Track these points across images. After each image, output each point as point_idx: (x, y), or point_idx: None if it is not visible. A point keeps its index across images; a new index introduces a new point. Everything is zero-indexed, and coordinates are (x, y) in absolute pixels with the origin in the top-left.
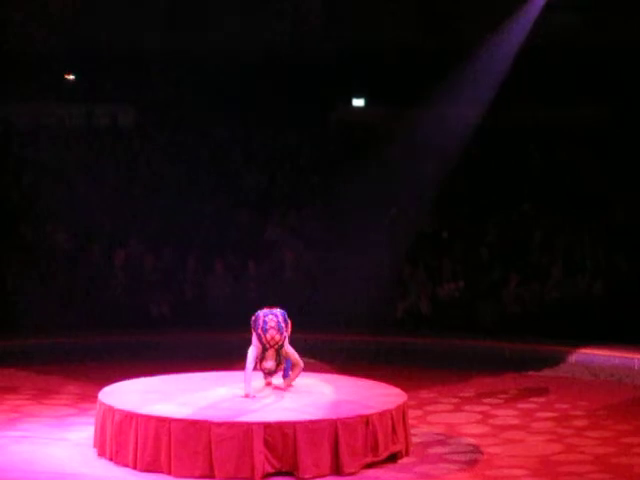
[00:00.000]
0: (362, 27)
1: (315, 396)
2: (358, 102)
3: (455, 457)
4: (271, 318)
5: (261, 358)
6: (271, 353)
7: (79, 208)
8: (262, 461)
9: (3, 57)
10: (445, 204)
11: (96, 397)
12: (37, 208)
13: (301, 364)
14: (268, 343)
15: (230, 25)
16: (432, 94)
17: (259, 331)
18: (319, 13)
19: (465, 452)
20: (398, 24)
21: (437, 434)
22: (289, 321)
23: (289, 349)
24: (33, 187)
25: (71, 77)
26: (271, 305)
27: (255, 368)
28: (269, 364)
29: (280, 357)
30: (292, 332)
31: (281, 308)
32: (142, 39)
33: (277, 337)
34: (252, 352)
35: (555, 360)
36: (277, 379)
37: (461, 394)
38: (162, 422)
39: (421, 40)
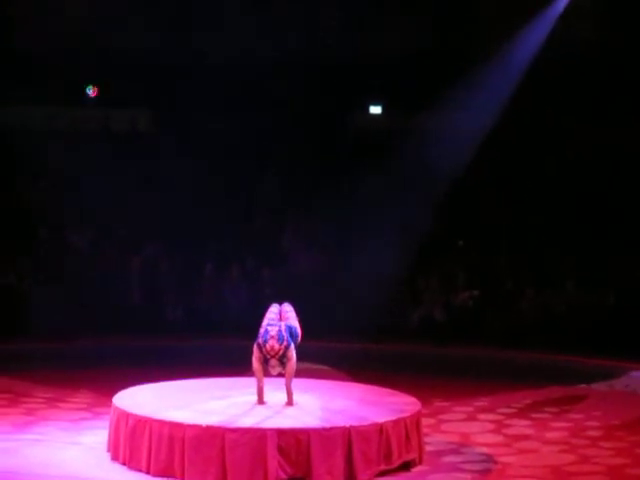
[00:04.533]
0: (380, 34)
1: (329, 403)
2: (375, 109)
3: (468, 466)
4: (273, 328)
5: (266, 367)
6: (274, 363)
7: (95, 212)
8: (275, 467)
9: (20, 60)
10: (461, 212)
11: (110, 401)
12: (53, 212)
13: (292, 373)
14: (268, 353)
15: (247, 29)
16: (448, 101)
17: (259, 341)
18: (336, 20)
19: (478, 461)
20: (415, 32)
21: (450, 443)
22: (299, 333)
23: (292, 356)
24: (49, 190)
25: (91, 92)
26: (281, 301)
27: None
28: (276, 370)
29: (284, 364)
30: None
31: (290, 302)
32: (159, 43)
33: (277, 347)
34: (256, 366)
35: (569, 371)
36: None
37: (475, 403)
38: (176, 427)
39: (438, 48)
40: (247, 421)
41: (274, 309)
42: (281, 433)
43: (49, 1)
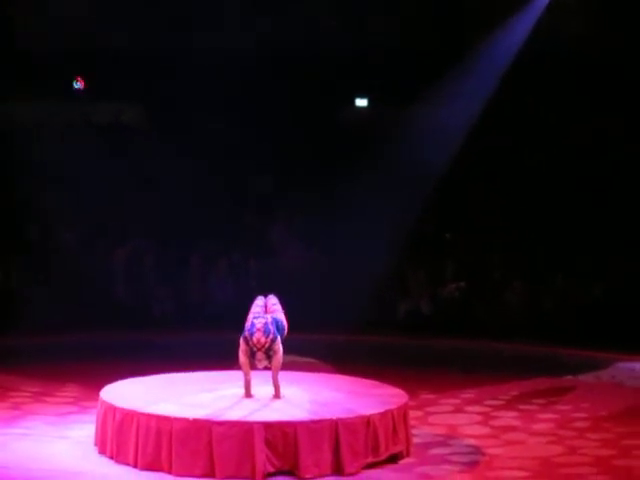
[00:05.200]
0: (367, 28)
1: (316, 396)
2: (361, 102)
3: (456, 458)
4: (259, 321)
5: (252, 361)
6: (260, 356)
7: (83, 207)
8: (263, 460)
9: (7, 56)
10: (448, 205)
11: (97, 395)
12: (41, 207)
13: (279, 366)
14: (255, 346)
15: (237, 25)
16: (435, 94)
17: (246, 334)
18: (328, 14)
19: (466, 453)
20: (403, 25)
21: (438, 435)
22: (285, 326)
23: (278, 349)
24: (37, 186)
25: (79, 85)
26: (267, 293)
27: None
28: (262, 364)
29: (271, 357)
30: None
31: (277, 295)
32: (148, 38)
33: (263, 340)
34: (243, 360)
35: (556, 362)
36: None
37: (462, 395)
38: (163, 421)
39: (425, 40)
40: (234, 414)
41: (259, 302)
42: (268, 426)
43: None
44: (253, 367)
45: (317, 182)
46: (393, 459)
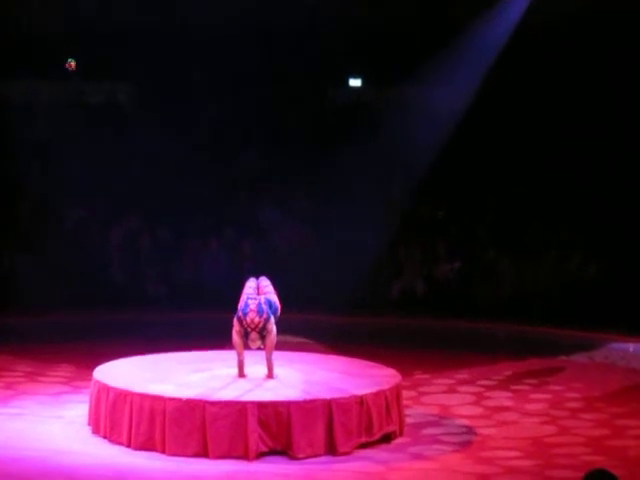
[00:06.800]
0: (360, 7)
1: (310, 376)
2: (355, 82)
3: (449, 438)
4: (253, 301)
5: (246, 341)
6: (254, 336)
7: (76, 186)
8: (256, 440)
9: (4, 36)
10: (442, 184)
11: (91, 375)
12: (34, 186)
13: (272, 346)
14: (249, 326)
15: (229, 2)
16: (428, 74)
17: (240, 314)
18: None
19: (459, 433)
20: (395, 3)
21: (431, 415)
22: (278, 306)
23: (272, 329)
24: (30, 165)
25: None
26: (259, 275)
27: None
28: (256, 344)
29: (264, 337)
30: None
31: (269, 276)
32: (140, 16)
33: (257, 320)
34: (236, 340)
35: (550, 342)
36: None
37: (455, 375)
38: (157, 400)
39: (418, 20)
40: (228, 394)
41: (251, 283)
42: (261, 406)
43: None
44: (247, 347)
45: (310, 162)
46: (386, 439)
